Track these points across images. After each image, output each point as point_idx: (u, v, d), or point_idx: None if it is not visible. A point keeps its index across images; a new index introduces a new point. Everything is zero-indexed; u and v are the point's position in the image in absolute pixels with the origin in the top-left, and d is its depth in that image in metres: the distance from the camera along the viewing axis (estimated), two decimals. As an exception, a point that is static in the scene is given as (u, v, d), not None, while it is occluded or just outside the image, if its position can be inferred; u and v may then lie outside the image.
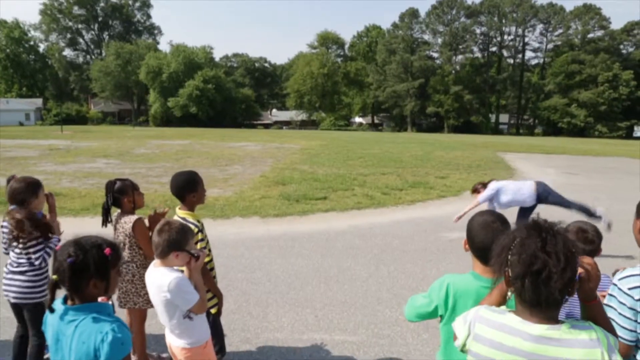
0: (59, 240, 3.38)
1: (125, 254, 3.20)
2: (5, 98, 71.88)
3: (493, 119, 74.24)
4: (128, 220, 3.18)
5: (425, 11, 77.15)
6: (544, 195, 6.26)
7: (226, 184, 11.69)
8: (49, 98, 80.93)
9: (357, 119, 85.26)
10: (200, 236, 3.03)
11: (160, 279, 2.33)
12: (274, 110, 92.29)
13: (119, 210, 3.29)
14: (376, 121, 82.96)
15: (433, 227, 7.78)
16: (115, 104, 79.04)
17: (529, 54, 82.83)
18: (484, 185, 6.39)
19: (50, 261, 3.36)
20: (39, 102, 73.21)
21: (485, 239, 1.87)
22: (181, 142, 25.64)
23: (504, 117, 76.31)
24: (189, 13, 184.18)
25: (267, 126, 75.21)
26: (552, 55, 68.54)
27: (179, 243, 2.34)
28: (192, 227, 2.86)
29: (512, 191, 6.21)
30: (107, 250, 1.72)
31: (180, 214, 3.00)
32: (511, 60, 75.91)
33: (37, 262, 3.16)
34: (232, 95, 68.37)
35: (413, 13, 75.69)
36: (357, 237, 6.99)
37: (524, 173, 14.76)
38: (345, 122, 76.15)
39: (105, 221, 3.26)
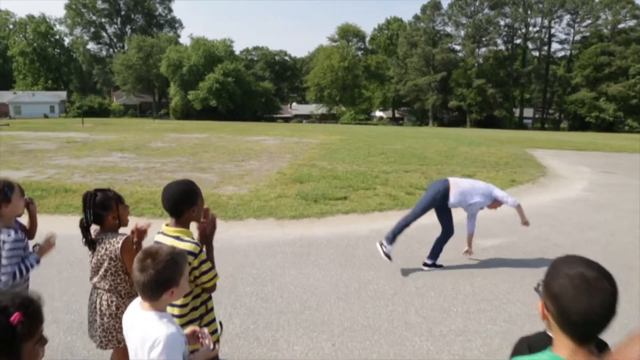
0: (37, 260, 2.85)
1: (107, 281, 2.64)
2: (31, 91, 72.96)
3: (517, 113, 72.45)
4: (114, 241, 2.60)
5: (448, 3, 75.49)
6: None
7: (241, 181, 11.17)
8: (73, 91, 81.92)
9: (378, 113, 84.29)
10: (198, 261, 2.34)
11: (148, 329, 1.75)
12: (294, 104, 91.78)
13: (96, 227, 2.72)
14: (397, 115, 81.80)
15: (463, 232, 7.07)
16: (137, 97, 79.54)
17: (555, 45, 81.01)
18: None
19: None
20: (63, 94, 74.09)
21: (590, 307, 1.22)
22: (199, 136, 25.26)
23: (528, 112, 74.47)
24: (210, 6, 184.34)
25: (287, 120, 74.81)
26: (579, 47, 66.31)
27: (172, 280, 1.78)
28: (192, 247, 2.29)
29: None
30: (14, 317, 1.15)
31: (170, 232, 2.37)
32: (536, 53, 73.90)
33: (3, 278, 2.63)
34: (252, 88, 68.02)
35: (435, 5, 74.20)
36: (380, 244, 6.38)
37: (557, 171, 13.91)
38: (366, 116, 75.26)
39: (88, 243, 2.66)
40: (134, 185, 10.36)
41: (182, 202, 2.36)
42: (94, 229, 2.69)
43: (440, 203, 5.55)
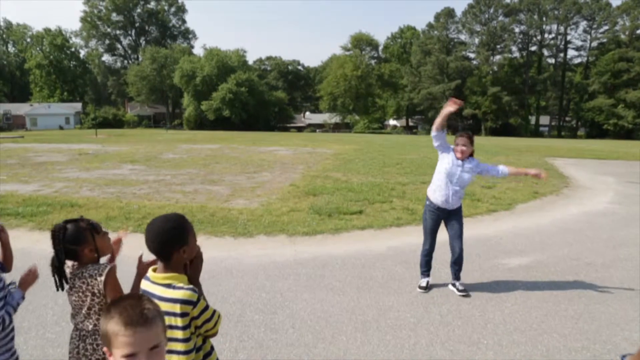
0: (16, 288, 2.50)
1: (91, 321, 2.27)
2: (47, 103, 73.94)
3: (532, 121, 71.47)
4: (96, 274, 2.21)
5: (462, 10, 74.97)
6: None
7: (253, 194, 10.82)
8: (88, 102, 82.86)
9: (391, 122, 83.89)
10: (198, 310, 1.95)
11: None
12: (307, 113, 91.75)
13: (73, 262, 2.35)
14: (411, 124, 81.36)
15: (486, 250, 6.65)
16: (151, 108, 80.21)
17: (571, 52, 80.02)
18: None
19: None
20: (78, 106, 75.00)
21: None
22: (211, 147, 25.06)
23: (544, 119, 73.44)
24: (223, 17, 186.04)
25: (300, 129, 74.74)
26: (596, 54, 65.37)
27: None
28: (189, 294, 1.91)
29: None
30: None
31: (159, 279, 1.97)
32: (552, 60, 73.07)
33: None
34: (265, 98, 68.15)
35: (449, 13, 73.88)
36: (399, 264, 5.95)
37: (580, 182, 13.35)
38: (379, 125, 74.95)
39: (61, 284, 2.28)
40: (142, 199, 10.07)
41: (171, 242, 1.96)
42: (71, 263, 2.33)
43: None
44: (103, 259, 2.39)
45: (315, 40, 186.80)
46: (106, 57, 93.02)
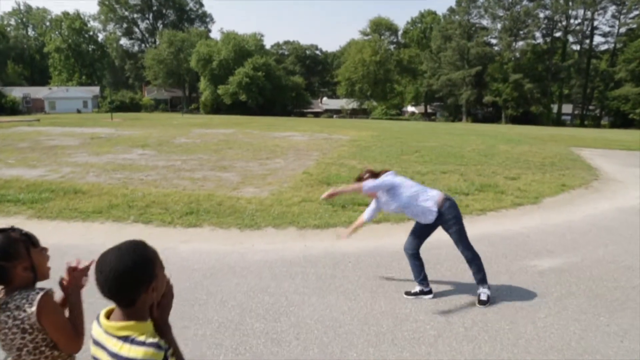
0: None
1: None
2: (65, 86, 74.30)
3: (554, 110, 69.59)
4: (24, 304, 1.72)
5: (485, -6, 72.88)
6: (448, 217, 4.45)
7: (264, 182, 10.36)
8: (106, 86, 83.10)
9: (409, 108, 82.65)
10: None
11: None
12: (325, 99, 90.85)
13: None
14: (429, 110, 79.97)
15: (513, 249, 6.10)
16: (168, 92, 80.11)
17: (597, 39, 77.44)
18: (375, 175, 4.60)
19: None
20: (96, 90, 75.16)
21: None
22: (225, 131, 24.65)
23: (566, 108, 71.45)
24: (241, 1, 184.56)
25: (317, 114, 74.04)
26: (624, 40, 62.97)
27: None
28: (152, 353, 1.41)
29: (411, 194, 4.41)
30: None
31: (115, 330, 1.47)
32: (577, 47, 70.72)
33: None
34: (283, 83, 67.43)
35: (471, -4, 71.86)
36: (417, 263, 5.44)
37: (610, 174, 12.61)
38: (397, 111, 73.89)
39: None
40: (148, 185, 9.68)
41: (137, 284, 1.45)
42: None
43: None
44: (40, 284, 1.88)
45: (334, 25, 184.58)
46: (124, 41, 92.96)
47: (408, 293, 4.55)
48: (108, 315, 1.53)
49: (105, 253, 1.49)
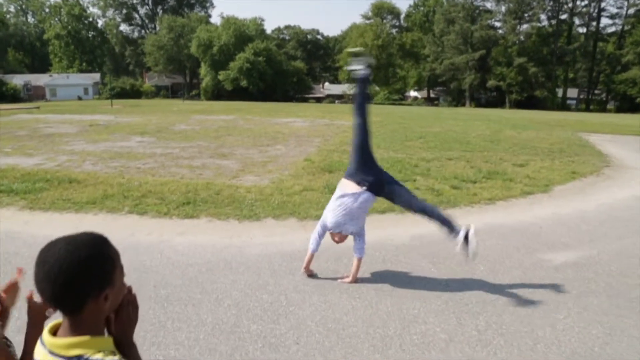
0: None
1: None
2: (66, 73, 73.79)
3: (559, 94, 68.76)
4: None
5: (489, -23, 71.72)
6: (374, 187, 4.25)
7: (264, 169, 10.06)
8: (107, 73, 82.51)
9: (412, 93, 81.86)
10: None
11: None
12: (327, 84, 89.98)
13: None
14: (432, 95, 79.21)
15: (525, 241, 5.79)
16: (169, 78, 79.51)
17: (604, 21, 76.47)
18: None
19: None
20: (97, 76, 74.60)
21: None
22: (225, 118, 24.27)
23: (571, 92, 70.54)
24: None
25: (319, 100, 73.37)
26: (633, 22, 61.89)
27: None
28: None
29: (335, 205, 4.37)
30: None
31: (60, 349, 1.16)
32: (583, 29, 69.54)
33: None
34: (284, 68, 66.71)
35: (475, -21, 70.69)
36: (425, 257, 5.14)
37: (622, 161, 12.24)
38: (400, 96, 73.11)
39: None
40: (145, 174, 9.39)
41: (84, 284, 1.14)
42: None
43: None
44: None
45: (335, 9, 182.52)
46: (123, 27, 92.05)
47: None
48: (54, 332, 1.22)
49: (54, 242, 1.18)
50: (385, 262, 5.01)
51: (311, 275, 4.60)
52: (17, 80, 66.26)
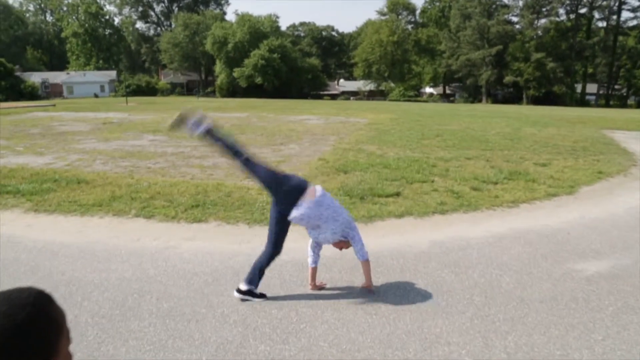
0: None
1: None
2: (82, 71, 74.52)
3: (578, 89, 67.41)
4: None
5: (506, -30, 70.49)
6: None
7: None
8: (123, 70, 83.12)
9: (428, 89, 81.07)
10: None
11: None
12: (341, 80, 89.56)
13: None
14: (448, 91, 78.30)
15: (552, 248, 5.42)
16: (184, 75, 79.82)
17: (625, 14, 74.81)
18: None
19: None
20: (113, 74, 75.21)
21: None
22: (239, 115, 24.08)
23: (590, 87, 69.10)
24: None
25: (334, 97, 73.04)
26: (655, 16, 60.42)
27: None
28: None
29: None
30: None
31: None
32: (603, 23, 68.10)
33: None
34: (299, 65, 66.47)
35: (492, -27, 69.54)
36: (446, 267, 4.81)
37: (650, 159, 11.72)
38: (415, 93, 72.43)
39: None
40: (155, 174, 9.18)
41: (23, 354, 0.88)
42: None
43: (279, 207, 4.11)
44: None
45: (350, 5, 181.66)
46: (139, 25, 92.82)
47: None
48: None
49: None
50: (404, 272, 4.68)
51: (321, 288, 4.30)
52: (35, 78, 67.05)
